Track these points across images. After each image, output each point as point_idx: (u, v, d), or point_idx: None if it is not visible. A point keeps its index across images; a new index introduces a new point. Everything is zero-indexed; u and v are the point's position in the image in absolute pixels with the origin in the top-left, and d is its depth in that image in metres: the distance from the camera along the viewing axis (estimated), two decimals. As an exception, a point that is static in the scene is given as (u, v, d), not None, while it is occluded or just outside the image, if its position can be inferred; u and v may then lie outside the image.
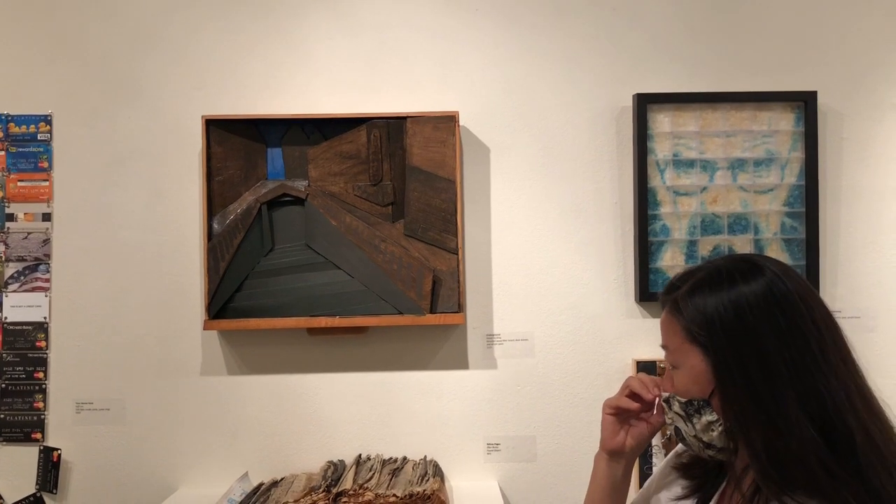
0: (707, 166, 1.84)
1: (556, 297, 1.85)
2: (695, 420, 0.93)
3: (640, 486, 1.77)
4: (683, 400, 0.94)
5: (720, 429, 0.91)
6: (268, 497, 1.64)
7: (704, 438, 0.93)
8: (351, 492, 1.58)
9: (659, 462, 1.72)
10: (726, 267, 0.94)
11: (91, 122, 1.83)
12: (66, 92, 1.83)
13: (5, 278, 1.81)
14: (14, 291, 1.81)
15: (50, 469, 1.79)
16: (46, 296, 1.81)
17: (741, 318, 0.88)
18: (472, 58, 1.85)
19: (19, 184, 1.82)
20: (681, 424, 0.95)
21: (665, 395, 0.99)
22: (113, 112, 1.83)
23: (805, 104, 1.83)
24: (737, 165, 1.84)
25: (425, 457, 1.82)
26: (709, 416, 0.91)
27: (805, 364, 0.86)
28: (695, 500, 1.02)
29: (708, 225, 1.84)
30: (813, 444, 0.83)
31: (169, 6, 1.83)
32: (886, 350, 1.86)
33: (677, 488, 1.06)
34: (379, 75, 1.84)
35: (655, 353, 1.80)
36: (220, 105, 1.82)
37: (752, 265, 0.92)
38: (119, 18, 1.83)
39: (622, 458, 1.07)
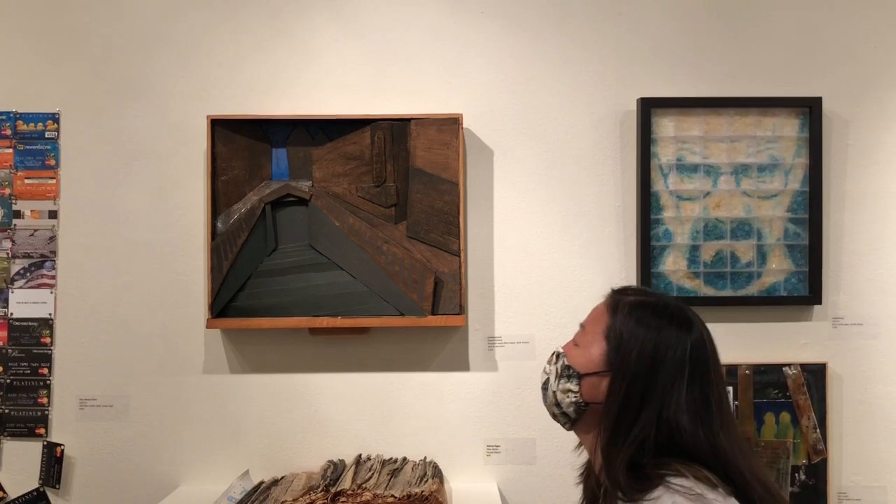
0: (711, 171, 1.84)
1: (558, 300, 1.85)
2: (563, 381, 1.10)
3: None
4: (568, 363, 1.11)
5: (574, 400, 1.08)
6: (267, 495, 1.65)
7: (558, 397, 1.10)
8: (349, 491, 1.58)
9: None
10: (672, 307, 1.07)
11: (98, 120, 1.84)
12: (73, 91, 1.84)
13: (12, 275, 1.83)
14: (20, 288, 1.83)
15: (53, 464, 1.80)
16: (52, 292, 1.83)
17: (655, 362, 1.02)
18: (476, 60, 1.85)
19: (26, 181, 1.84)
20: (552, 378, 1.12)
21: (560, 350, 1.14)
22: (119, 111, 1.84)
23: (810, 110, 1.82)
24: (740, 171, 1.83)
25: (425, 458, 1.82)
26: (573, 387, 1.09)
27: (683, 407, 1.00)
28: None
29: (711, 230, 1.84)
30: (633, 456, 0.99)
31: (176, 7, 1.85)
32: (889, 357, 1.85)
33: None
34: (383, 77, 1.85)
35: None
36: (225, 105, 1.83)
37: (687, 319, 1.06)
38: (126, 18, 1.85)
39: None
